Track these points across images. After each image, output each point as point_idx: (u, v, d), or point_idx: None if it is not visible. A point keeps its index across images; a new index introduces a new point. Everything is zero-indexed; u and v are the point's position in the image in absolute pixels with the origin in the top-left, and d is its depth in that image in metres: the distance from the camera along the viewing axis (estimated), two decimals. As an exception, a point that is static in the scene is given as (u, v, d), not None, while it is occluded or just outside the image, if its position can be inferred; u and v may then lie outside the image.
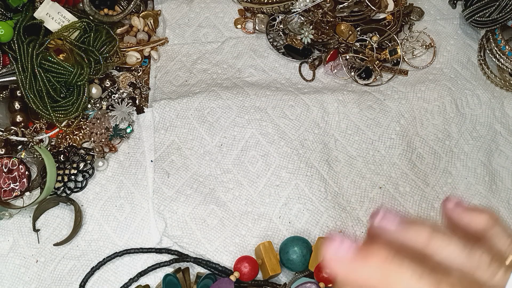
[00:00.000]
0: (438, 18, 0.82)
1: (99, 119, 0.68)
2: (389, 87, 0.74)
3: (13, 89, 0.67)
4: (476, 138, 0.70)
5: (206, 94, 0.71)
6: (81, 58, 0.68)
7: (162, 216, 0.62)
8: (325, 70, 0.76)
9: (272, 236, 0.61)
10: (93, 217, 0.63)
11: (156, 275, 0.59)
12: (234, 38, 0.79)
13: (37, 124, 0.67)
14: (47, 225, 0.62)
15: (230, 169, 0.66)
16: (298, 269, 0.57)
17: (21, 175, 0.63)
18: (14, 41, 0.64)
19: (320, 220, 0.62)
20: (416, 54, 0.78)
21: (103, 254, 0.60)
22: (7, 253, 0.60)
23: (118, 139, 0.68)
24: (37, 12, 0.67)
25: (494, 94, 0.73)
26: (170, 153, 0.67)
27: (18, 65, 0.64)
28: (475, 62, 0.77)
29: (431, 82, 0.74)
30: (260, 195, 0.64)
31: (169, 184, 0.65)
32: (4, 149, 0.64)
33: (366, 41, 0.76)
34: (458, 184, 0.67)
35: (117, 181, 0.65)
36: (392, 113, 0.71)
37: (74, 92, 0.67)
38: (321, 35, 0.75)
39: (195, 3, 0.82)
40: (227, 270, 0.58)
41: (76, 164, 0.65)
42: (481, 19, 0.75)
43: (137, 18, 0.78)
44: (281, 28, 0.78)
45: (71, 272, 0.59)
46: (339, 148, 0.68)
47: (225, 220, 0.62)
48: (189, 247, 0.60)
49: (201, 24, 0.80)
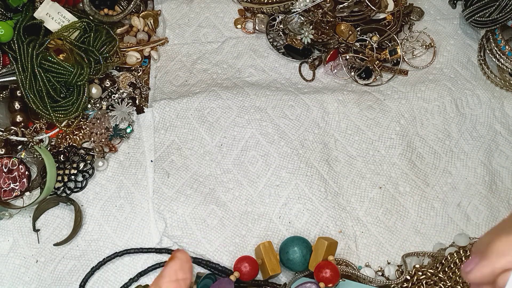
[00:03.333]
0: (438, 18, 0.82)
1: (99, 119, 0.68)
2: (389, 87, 0.74)
3: (13, 89, 0.67)
4: (476, 138, 0.70)
5: (206, 94, 0.71)
6: (81, 58, 0.68)
7: (162, 216, 0.62)
8: (325, 70, 0.76)
9: (272, 236, 0.61)
10: (93, 217, 0.63)
11: (156, 275, 0.59)
12: (234, 38, 0.79)
13: (37, 124, 0.67)
14: (47, 225, 0.62)
15: (230, 169, 0.66)
16: (298, 269, 0.57)
17: (21, 175, 0.63)
18: (14, 41, 0.64)
19: (320, 220, 0.62)
20: (416, 54, 0.78)
21: (103, 254, 0.60)
22: (7, 253, 0.60)
23: (118, 139, 0.68)
24: (37, 12, 0.67)
25: (494, 94, 0.73)
26: (170, 153, 0.67)
27: (18, 65, 0.64)
28: (475, 62, 0.77)
29: (431, 82, 0.74)
30: (260, 195, 0.64)
31: (169, 184, 0.65)
32: (4, 149, 0.64)
33: (366, 41, 0.76)
34: (458, 184, 0.67)
35: (117, 181, 0.65)
36: (392, 113, 0.71)
37: (74, 92, 0.67)
38: (321, 35, 0.75)
39: (195, 3, 0.82)
40: (227, 270, 0.58)
41: (76, 164, 0.65)
42: (481, 19, 0.75)
43: (137, 18, 0.78)
44: (281, 28, 0.78)
45: (71, 272, 0.59)
46: (339, 148, 0.68)
47: (225, 220, 0.62)
48: (189, 247, 0.60)
49: (201, 24, 0.80)
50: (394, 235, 0.62)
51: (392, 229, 0.62)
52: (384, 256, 0.61)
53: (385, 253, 0.61)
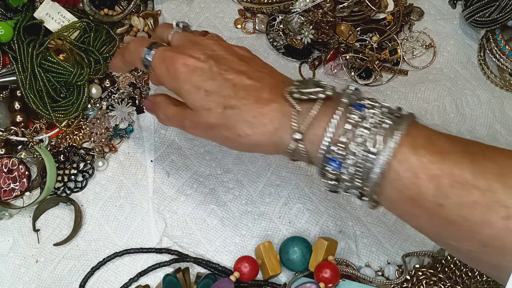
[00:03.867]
0: (438, 18, 0.82)
1: (99, 119, 0.68)
2: (389, 87, 0.74)
3: (13, 89, 0.67)
4: (476, 138, 0.70)
5: (206, 94, 0.71)
6: (81, 58, 0.68)
7: (162, 216, 0.62)
8: (325, 70, 0.76)
9: (272, 236, 0.61)
10: (93, 217, 0.63)
11: (156, 275, 0.59)
12: (234, 38, 0.79)
13: (37, 124, 0.67)
14: (47, 225, 0.62)
15: (230, 168, 0.66)
16: (298, 269, 0.57)
17: (21, 175, 0.63)
18: (14, 41, 0.64)
19: (320, 220, 0.62)
20: (416, 54, 0.78)
21: (103, 254, 0.60)
22: (7, 253, 0.60)
23: (118, 139, 0.68)
24: (37, 12, 0.67)
25: (494, 94, 0.73)
26: (170, 153, 0.67)
27: (18, 65, 0.64)
28: (475, 62, 0.77)
29: (431, 82, 0.74)
30: (260, 194, 0.64)
31: (169, 184, 0.65)
32: (4, 149, 0.64)
33: (366, 41, 0.76)
34: (458, 184, 0.66)
35: (117, 181, 0.65)
36: (392, 113, 0.70)
37: (74, 92, 0.67)
38: (321, 35, 0.75)
39: (195, 3, 0.82)
40: (227, 270, 0.58)
41: (76, 164, 0.65)
42: (481, 19, 0.75)
43: (137, 18, 0.78)
44: (281, 28, 0.78)
45: (71, 272, 0.59)
46: (339, 148, 0.68)
47: (225, 220, 0.62)
48: (189, 247, 0.60)
49: (201, 24, 0.80)
50: (394, 235, 0.62)
51: (392, 229, 0.62)
52: (384, 256, 0.61)
53: (385, 253, 0.61)
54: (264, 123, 0.42)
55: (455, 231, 0.34)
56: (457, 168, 0.33)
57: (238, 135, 0.43)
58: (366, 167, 0.37)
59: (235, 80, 0.44)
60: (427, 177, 0.34)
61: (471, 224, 0.33)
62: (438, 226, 0.35)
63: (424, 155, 0.35)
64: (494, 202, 0.32)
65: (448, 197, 0.33)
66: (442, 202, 0.34)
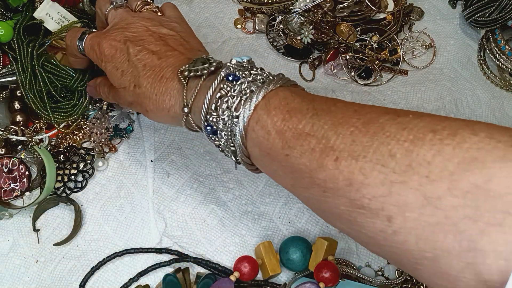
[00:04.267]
0: (438, 18, 0.82)
1: (99, 119, 0.68)
2: (389, 87, 0.74)
3: (13, 89, 0.67)
4: (476, 138, 0.70)
5: (206, 94, 0.71)
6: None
7: (162, 216, 0.62)
8: (325, 70, 0.76)
9: (272, 236, 0.61)
10: (93, 217, 0.63)
11: (156, 275, 0.59)
12: (234, 38, 0.79)
13: (37, 124, 0.67)
14: (47, 225, 0.62)
15: (230, 168, 0.66)
16: (298, 269, 0.57)
17: (21, 175, 0.63)
18: (14, 41, 0.64)
19: (320, 220, 0.62)
20: (416, 54, 0.78)
21: (103, 254, 0.60)
22: (7, 253, 0.60)
23: (118, 139, 0.68)
24: (37, 12, 0.67)
25: (494, 94, 0.73)
26: (170, 152, 0.67)
27: (18, 65, 0.64)
28: (475, 62, 0.77)
29: (431, 82, 0.74)
30: (260, 194, 0.64)
31: (169, 184, 0.65)
32: (4, 149, 0.64)
33: (366, 41, 0.76)
34: (458, 184, 0.66)
35: (117, 181, 0.65)
36: (392, 113, 0.70)
37: (75, 95, 0.67)
38: (321, 35, 0.75)
39: (195, 3, 0.82)
40: (227, 270, 0.58)
41: (76, 164, 0.65)
42: (481, 19, 0.75)
43: (137, 18, 0.78)
44: (281, 28, 0.78)
45: (71, 272, 0.59)
46: (339, 148, 0.68)
47: (225, 220, 0.62)
48: (189, 247, 0.60)
49: (201, 24, 0.80)
50: (394, 235, 0.62)
51: (392, 229, 0.62)
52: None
53: (385, 253, 0.61)
54: (164, 100, 0.47)
55: (301, 180, 0.37)
56: (301, 123, 0.38)
57: (146, 111, 0.49)
58: (234, 130, 0.41)
59: (146, 61, 0.49)
60: (276, 132, 0.38)
61: (311, 170, 0.36)
62: (290, 176, 0.39)
63: (276, 114, 0.39)
64: (327, 148, 0.35)
65: (293, 148, 0.37)
66: (288, 152, 0.38)
